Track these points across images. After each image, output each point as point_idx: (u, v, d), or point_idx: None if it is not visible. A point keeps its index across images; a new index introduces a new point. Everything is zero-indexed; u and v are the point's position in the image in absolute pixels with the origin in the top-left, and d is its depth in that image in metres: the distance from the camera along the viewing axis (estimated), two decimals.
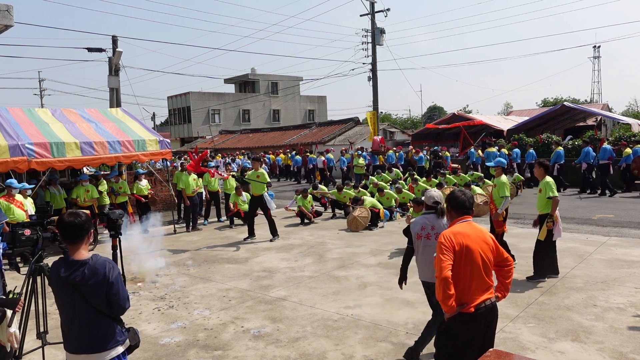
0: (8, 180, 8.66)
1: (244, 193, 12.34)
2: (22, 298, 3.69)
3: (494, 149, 18.32)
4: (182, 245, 10.04)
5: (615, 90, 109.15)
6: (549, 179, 6.49)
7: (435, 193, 4.46)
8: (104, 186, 11.11)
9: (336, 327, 5.28)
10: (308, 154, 23.91)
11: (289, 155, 24.93)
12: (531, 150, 17.52)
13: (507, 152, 18.40)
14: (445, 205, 3.46)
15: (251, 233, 10.35)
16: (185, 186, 11.60)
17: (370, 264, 7.84)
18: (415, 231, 4.34)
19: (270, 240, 10.02)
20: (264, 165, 19.06)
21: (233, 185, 12.79)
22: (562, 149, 16.32)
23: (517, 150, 18.34)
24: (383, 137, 23.69)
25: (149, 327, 5.48)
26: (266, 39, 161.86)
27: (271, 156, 26.49)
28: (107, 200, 10.98)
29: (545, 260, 6.56)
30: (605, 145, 14.95)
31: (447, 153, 20.25)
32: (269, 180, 10.23)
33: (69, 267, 2.82)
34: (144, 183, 11.91)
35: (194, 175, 11.84)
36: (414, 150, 21.06)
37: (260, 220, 11.93)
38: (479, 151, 19.12)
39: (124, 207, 11.35)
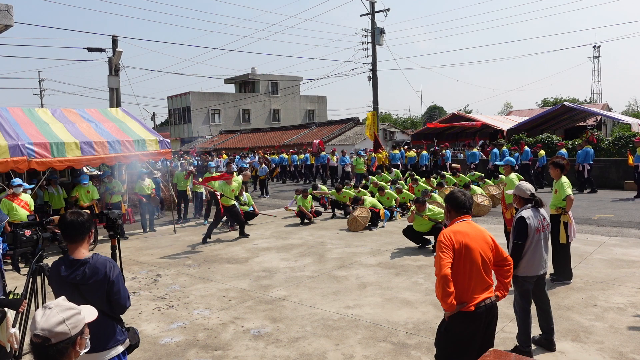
0: (13, 180, 8.71)
1: (245, 193, 12.35)
2: (26, 298, 3.69)
3: (397, 151, 20.86)
4: (182, 245, 10.04)
5: (615, 90, 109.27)
6: (564, 179, 6.42)
7: (529, 185, 4.60)
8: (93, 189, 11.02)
9: (336, 327, 5.28)
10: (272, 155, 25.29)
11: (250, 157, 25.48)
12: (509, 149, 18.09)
13: (441, 154, 20.04)
14: (447, 205, 3.48)
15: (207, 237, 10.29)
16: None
17: (370, 264, 7.84)
18: (535, 226, 4.36)
19: (245, 237, 10.37)
20: (263, 165, 19.11)
21: (233, 185, 12.77)
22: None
23: (448, 151, 20.33)
24: (322, 140, 25.65)
25: (149, 327, 5.48)
26: (266, 39, 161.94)
27: (285, 155, 26.26)
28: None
29: (562, 263, 6.47)
30: (526, 148, 17.52)
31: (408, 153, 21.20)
32: (236, 196, 10.61)
33: (69, 267, 2.82)
34: (146, 182, 11.92)
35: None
36: (383, 153, 21.20)
37: (259, 220, 11.94)
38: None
39: (118, 206, 11.32)
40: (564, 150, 16.56)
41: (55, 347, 1.76)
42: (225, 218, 12.70)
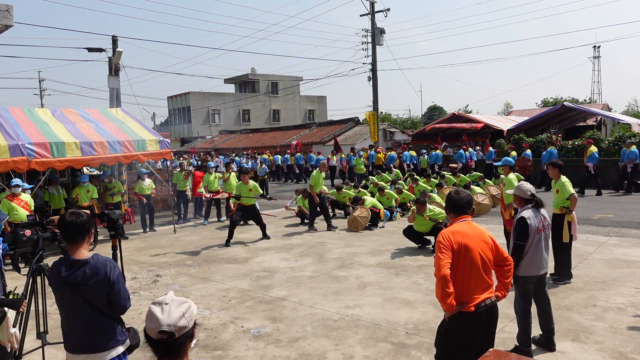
0: (13, 180, 8.71)
1: None
2: (26, 298, 3.69)
3: (351, 153, 21.67)
4: (182, 245, 10.04)
5: (615, 90, 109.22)
6: (564, 178, 6.41)
7: (529, 185, 4.61)
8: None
9: (336, 327, 5.28)
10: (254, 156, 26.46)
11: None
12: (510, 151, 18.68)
13: (397, 156, 20.66)
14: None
15: (229, 239, 9.91)
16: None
17: (370, 264, 7.84)
18: (536, 226, 4.36)
19: (267, 239, 10.22)
20: (263, 165, 19.18)
21: (234, 185, 12.78)
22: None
23: (407, 152, 20.85)
24: (300, 142, 27.57)
25: None
26: (266, 39, 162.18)
27: (266, 155, 26.80)
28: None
29: (562, 263, 6.46)
30: (490, 148, 19.26)
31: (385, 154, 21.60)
32: (261, 192, 10.41)
33: (69, 267, 2.82)
34: (146, 183, 11.91)
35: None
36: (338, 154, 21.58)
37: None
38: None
39: (118, 206, 11.31)
40: (528, 151, 17.56)
41: (178, 342, 1.77)
42: (224, 218, 12.71)
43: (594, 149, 15.20)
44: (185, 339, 1.81)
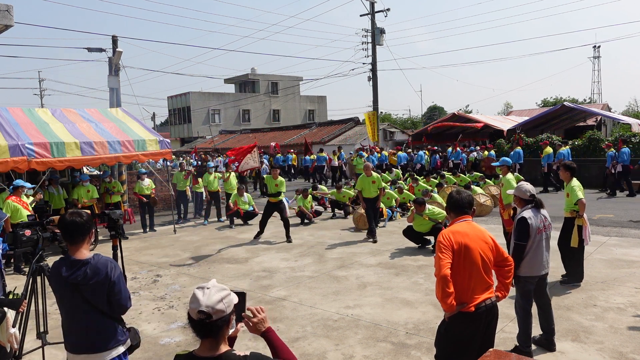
0: (16, 181, 8.69)
1: (245, 194, 12.38)
2: (26, 298, 3.69)
3: (323, 154, 22.45)
4: (182, 245, 10.04)
5: (615, 90, 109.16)
6: (575, 182, 6.25)
7: (529, 186, 4.60)
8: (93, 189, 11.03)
9: (336, 327, 5.28)
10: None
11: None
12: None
13: (377, 155, 21.02)
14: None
15: (261, 232, 10.21)
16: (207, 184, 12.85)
17: (370, 264, 7.84)
18: (537, 226, 4.36)
19: (288, 242, 9.87)
20: (264, 165, 19.21)
21: (234, 184, 12.81)
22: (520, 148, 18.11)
23: (375, 154, 21.31)
24: (278, 143, 28.22)
25: (149, 327, 5.48)
26: (266, 39, 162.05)
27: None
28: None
29: (574, 265, 6.41)
30: (458, 149, 20.19)
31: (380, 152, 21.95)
32: (285, 190, 10.34)
33: (70, 267, 2.82)
34: (146, 183, 11.91)
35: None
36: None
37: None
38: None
39: (118, 206, 11.31)
40: (493, 152, 18.79)
41: (215, 324, 1.90)
42: (224, 218, 12.73)
43: (549, 150, 16.09)
44: (223, 322, 1.92)
